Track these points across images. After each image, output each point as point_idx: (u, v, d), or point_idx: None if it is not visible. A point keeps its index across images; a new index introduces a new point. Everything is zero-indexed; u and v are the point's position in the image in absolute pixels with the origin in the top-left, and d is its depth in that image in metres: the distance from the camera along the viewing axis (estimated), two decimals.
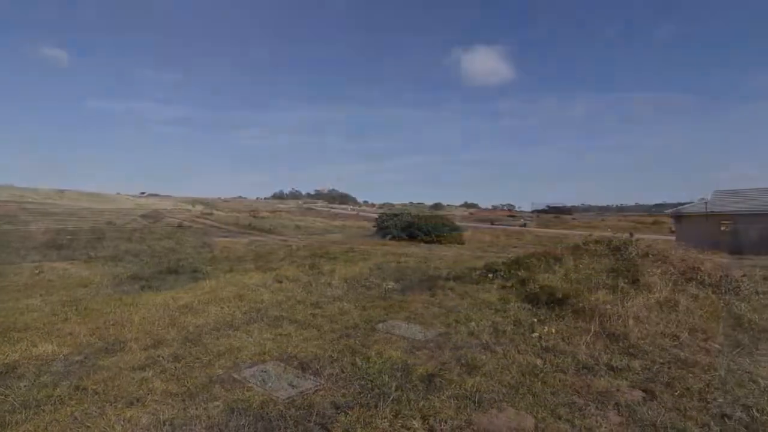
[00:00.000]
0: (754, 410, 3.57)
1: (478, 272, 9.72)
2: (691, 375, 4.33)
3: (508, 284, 8.36)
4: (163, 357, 4.64)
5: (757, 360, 4.94)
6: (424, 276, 10.01)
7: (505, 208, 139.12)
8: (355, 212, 78.19)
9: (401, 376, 4.11)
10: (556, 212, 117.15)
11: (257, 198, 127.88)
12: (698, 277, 7.71)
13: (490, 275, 9.10)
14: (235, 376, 4.14)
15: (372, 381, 3.97)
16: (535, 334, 5.38)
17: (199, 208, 42.80)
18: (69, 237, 14.15)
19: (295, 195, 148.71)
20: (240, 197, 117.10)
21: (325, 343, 5.13)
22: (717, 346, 5.35)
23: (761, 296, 7.44)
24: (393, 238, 23.64)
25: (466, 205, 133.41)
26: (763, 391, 4.02)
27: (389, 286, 8.48)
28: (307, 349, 4.90)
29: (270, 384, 3.96)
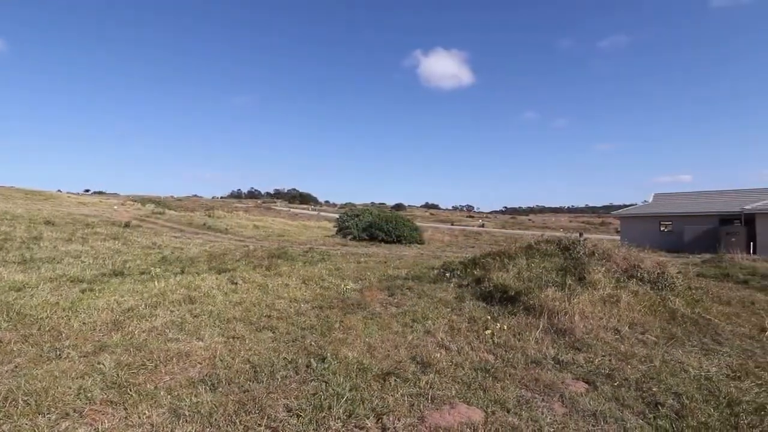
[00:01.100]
0: (684, 398, 3.85)
1: (436, 272, 9.89)
2: (629, 366, 4.62)
3: (465, 283, 8.57)
4: (104, 364, 4.38)
5: (689, 351, 5.35)
6: (383, 276, 10.04)
7: (465, 209, 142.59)
8: (316, 212, 77.36)
9: (356, 376, 4.10)
10: (512, 213, 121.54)
11: (213, 197, 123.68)
12: (638, 274, 8.22)
13: (448, 274, 9.29)
14: (183, 381, 3.97)
15: (327, 382, 3.93)
16: (488, 331, 5.54)
17: (149, 206, 40.80)
18: (0, 238, 13.05)
19: (253, 194, 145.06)
20: (195, 196, 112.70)
21: (280, 345, 5.03)
22: (653, 338, 5.74)
23: (693, 291, 8.05)
24: (354, 238, 23.58)
25: (427, 206, 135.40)
26: (693, 380, 4.35)
27: (348, 287, 8.44)
28: (260, 351, 4.78)
29: (221, 388, 3.83)
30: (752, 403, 3.77)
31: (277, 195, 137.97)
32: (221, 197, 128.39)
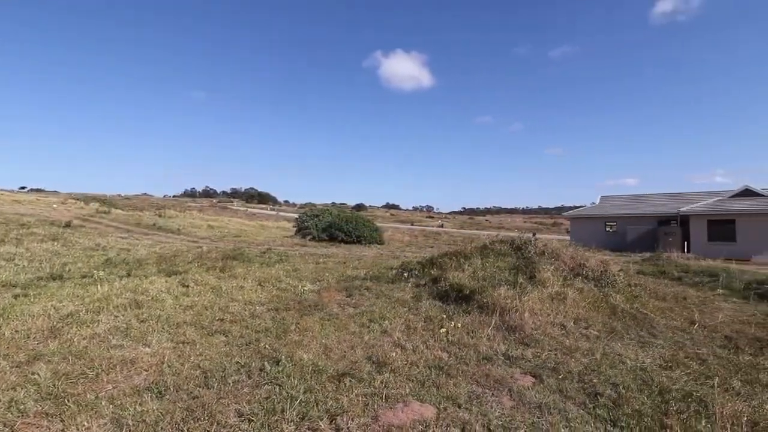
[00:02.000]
0: (621, 387, 4.12)
1: (394, 272, 9.98)
2: (573, 360, 4.88)
3: (422, 283, 8.71)
4: (39, 374, 4.08)
5: (627, 343, 5.72)
6: (342, 277, 10.01)
7: (425, 209, 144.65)
8: (274, 212, 75.80)
9: (311, 377, 4.08)
10: (471, 214, 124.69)
11: (165, 196, 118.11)
12: (584, 272, 8.68)
13: (406, 274, 9.40)
14: (127, 389, 3.78)
15: (280, 385, 3.88)
16: (443, 330, 5.66)
17: (93, 205, 38.36)
18: None
19: (209, 193, 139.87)
20: (145, 194, 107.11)
21: (232, 349, 4.90)
22: (596, 332, 6.09)
23: (633, 288, 8.60)
24: (313, 238, 23.31)
25: (388, 207, 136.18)
26: (630, 371, 4.66)
27: (306, 288, 8.35)
28: (212, 356, 4.64)
29: (168, 396, 3.69)
30: (681, 391, 4.09)
31: (234, 194, 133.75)
32: (174, 196, 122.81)
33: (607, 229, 30.57)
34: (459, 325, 5.93)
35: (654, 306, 7.70)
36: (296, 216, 28.70)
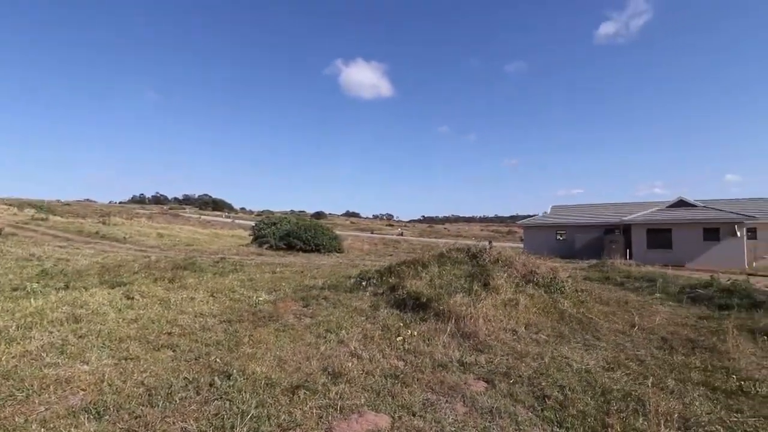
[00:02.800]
0: (567, 390, 4.30)
1: (352, 281, 9.93)
2: (523, 364, 5.05)
3: (380, 291, 8.72)
4: None
5: (573, 347, 5.99)
6: (299, 286, 9.85)
7: (385, 217, 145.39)
8: (230, 220, 73.44)
9: (264, 391, 3.96)
10: (430, 222, 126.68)
11: (111, 202, 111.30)
12: (535, 279, 9.03)
13: (364, 283, 9.38)
14: (61, 411, 3.51)
15: (231, 400, 3.74)
16: (400, 338, 5.69)
17: (28, 211, 35.52)
18: None
19: (159, 200, 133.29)
20: (88, 200, 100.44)
21: (180, 364, 4.68)
22: (545, 337, 6.34)
23: (579, 294, 9.04)
24: (270, 247, 22.77)
25: (348, 215, 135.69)
26: (575, 373, 4.88)
27: (261, 298, 8.14)
28: (157, 372, 4.40)
29: (107, 416, 3.45)
30: (621, 391, 4.33)
31: (187, 201, 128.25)
32: (120, 202, 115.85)
33: (558, 237, 32.01)
34: (416, 333, 5.99)
35: (598, 310, 8.13)
36: (253, 224, 27.93)
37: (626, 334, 6.80)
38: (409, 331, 6.01)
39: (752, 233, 25.31)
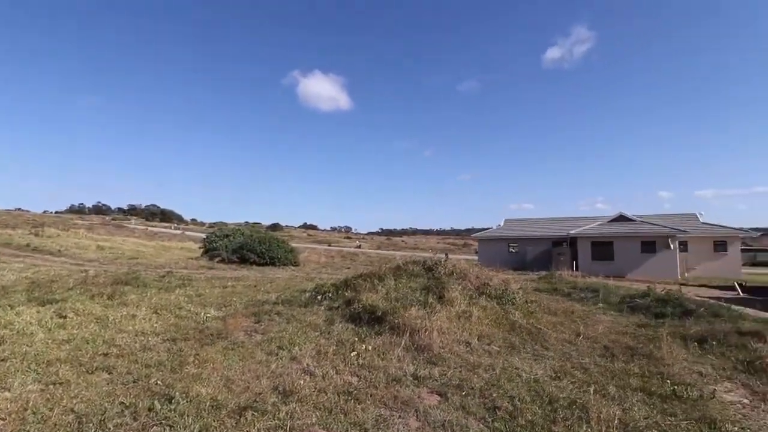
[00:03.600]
0: (516, 400, 4.39)
1: (307, 295, 9.73)
2: (476, 376, 5.11)
3: (336, 305, 8.59)
4: None
5: (523, 357, 6.15)
6: (251, 301, 9.51)
7: (343, 230, 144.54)
8: (179, 231, 70.17)
9: (209, 414, 3.75)
10: (388, 234, 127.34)
11: (45, 212, 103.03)
12: (488, 291, 9.26)
13: (319, 297, 9.21)
14: None
15: (172, 426, 3.51)
16: (354, 353, 5.61)
17: None
18: None
19: (101, 210, 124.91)
20: (19, 209, 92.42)
21: (116, 388, 4.34)
22: (497, 348, 6.47)
23: (529, 305, 9.35)
24: (222, 260, 21.89)
25: (306, 227, 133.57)
26: (524, 383, 5.00)
27: (209, 315, 7.77)
28: (90, 398, 4.06)
29: None
30: (567, 399, 4.48)
31: (132, 211, 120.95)
32: (56, 212, 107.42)
33: (510, 249, 33.14)
34: (370, 347, 5.93)
35: (547, 321, 8.43)
36: (204, 236, 26.80)
37: (572, 343, 7.08)
38: (364, 346, 5.94)
39: (684, 246, 27.39)
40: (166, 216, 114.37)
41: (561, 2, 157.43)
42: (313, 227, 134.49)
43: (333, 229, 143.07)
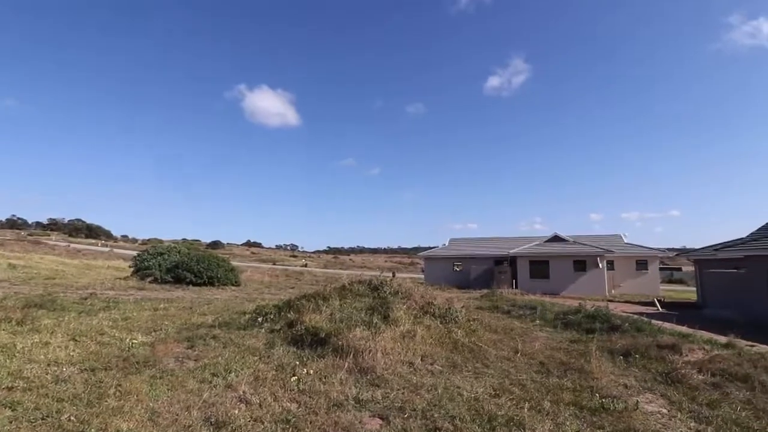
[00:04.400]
0: (457, 420, 4.41)
1: (247, 317, 9.31)
2: (418, 397, 5.09)
3: (277, 327, 8.27)
4: None
5: (465, 376, 6.23)
6: (184, 325, 8.90)
7: (289, 248, 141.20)
8: (107, 249, 64.90)
9: None
10: (335, 253, 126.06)
11: None
12: (432, 310, 9.37)
13: (260, 319, 8.84)
14: None
15: None
16: (294, 378, 5.39)
17: None
18: None
19: (15, 223, 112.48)
20: None
21: (20, 427, 3.83)
22: (440, 368, 6.52)
23: (471, 323, 9.57)
24: (155, 280, 20.40)
25: (249, 244, 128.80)
26: (465, 402, 5.05)
27: (136, 341, 7.16)
28: None
29: None
30: (505, 417, 4.57)
31: (53, 226, 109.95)
32: None
33: (455, 268, 34.01)
34: (312, 370, 5.74)
35: (488, 338, 8.66)
36: (135, 254, 24.95)
37: (511, 360, 7.30)
38: (306, 370, 5.74)
39: (611, 265, 29.58)
40: (92, 232, 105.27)
41: (500, 35, 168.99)
42: (257, 245, 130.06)
43: (278, 247, 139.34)
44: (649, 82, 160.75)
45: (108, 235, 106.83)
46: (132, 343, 6.97)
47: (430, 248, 40.34)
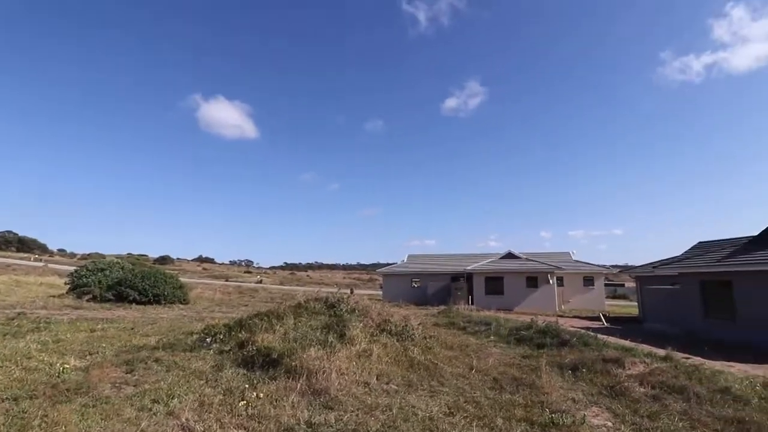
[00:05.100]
0: None
1: (195, 337, 8.83)
2: (372, 418, 4.99)
3: (227, 349, 7.90)
4: None
5: (420, 395, 6.19)
6: (124, 347, 8.30)
7: (244, 263, 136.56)
8: (41, 264, 59.89)
9: None
10: (293, 269, 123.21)
11: None
12: (389, 327, 9.31)
13: (209, 340, 8.41)
14: None
15: None
16: (243, 403, 5.13)
17: None
18: None
19: None
20: None
21: None
22: (395, 387, 6.44)
23: (427, 340, 9.59)
24: (94, 298, 18.94)
25: (201, 260, 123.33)
26: (420, 421, 5.00)
27: (68, 366, 6.58)
28: None
29: None
30: None
31: None
32: None
33: (413, 284, 34.17)
34: (262, 394, 5.49)
35: (444, 356, 8.69)
36: (73, 269, 23.17)
37: (466, 377, 7.35)
38: (255, 393, 5.49)
39: (560, 281, 30.85)
40: (25, 245, 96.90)
41: (458, 58, 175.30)
42: (210, 260, 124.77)
43: (232, 263, 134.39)
44: (592, 105, 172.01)
45: (43, 249, 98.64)
46: (63, 368, 6.39)
47: (389, 264, 40.36)
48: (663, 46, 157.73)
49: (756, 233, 15.75)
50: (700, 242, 20.19)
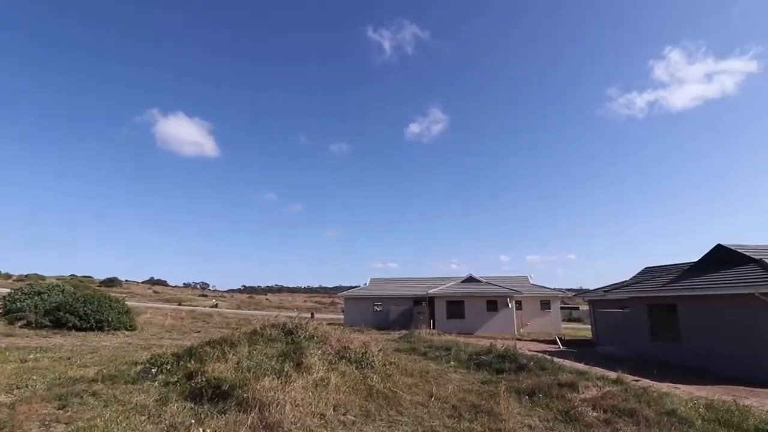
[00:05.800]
0: None
1: (139, 368, 8.25)
2: None
3: (173, 380, 7.42)
4: None
5: (378, 425, 6.02)
6: (58, 379, 7.61)
7: (199, 286, 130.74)
8: None
9: None
10: (251, 292, 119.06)
11: None
12: (348, 354, 9.09)
13: (154, 370, 7.87)
14: None
15: None
16: None
17: None
18: None
19: None
20: None
21: None
22: (353, 417, 6.24)
23: (387, 367, 9.42)
24: (29, 324, 17.37)
25: (152, 282, 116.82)
26: None
27: None
28: None
29: None
30: None
31: None
32: None
33: (375, 308, 33.81)
34: (209, 430, 5.14)
35: (404, 383, 8.55)
36: (7, 292, 21.27)
37: (425, 406, 7.24)
38: (202, 429, 5.13)
39: (519, 305, 31.54)
40: None
41: (420, 85, 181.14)
42: (162, 283, 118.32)
43: (186, 286, 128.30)
44: (544, 135, 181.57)
45: None
46: None
47: (352, 287, 39.88)
48: (610, 83, 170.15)
49: (696, 259, 16.87)
50: (646, 267, 21.33)
